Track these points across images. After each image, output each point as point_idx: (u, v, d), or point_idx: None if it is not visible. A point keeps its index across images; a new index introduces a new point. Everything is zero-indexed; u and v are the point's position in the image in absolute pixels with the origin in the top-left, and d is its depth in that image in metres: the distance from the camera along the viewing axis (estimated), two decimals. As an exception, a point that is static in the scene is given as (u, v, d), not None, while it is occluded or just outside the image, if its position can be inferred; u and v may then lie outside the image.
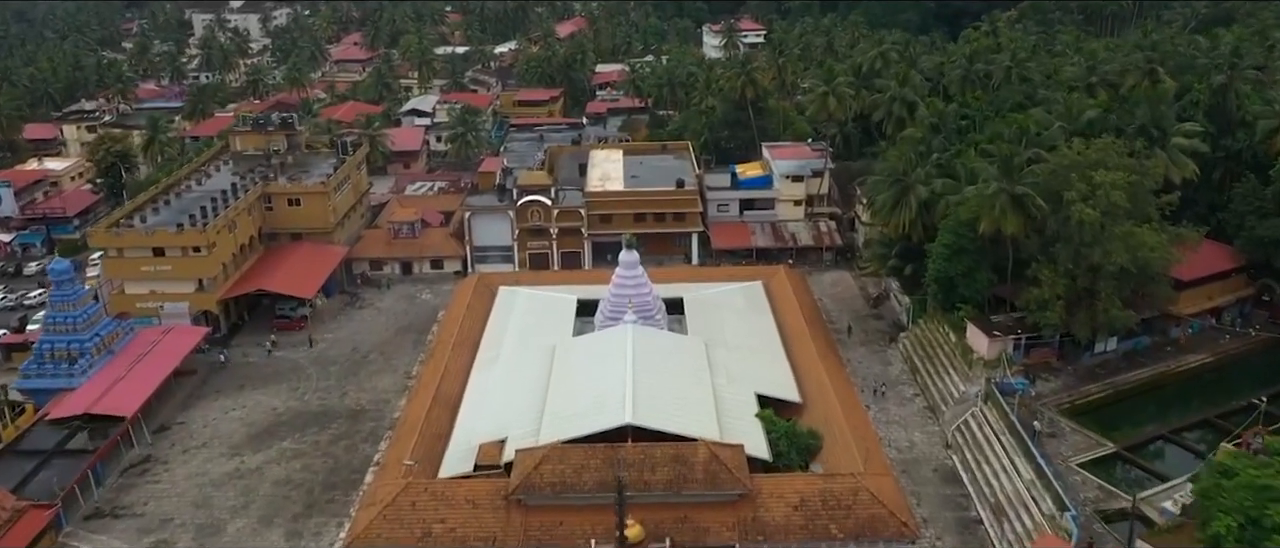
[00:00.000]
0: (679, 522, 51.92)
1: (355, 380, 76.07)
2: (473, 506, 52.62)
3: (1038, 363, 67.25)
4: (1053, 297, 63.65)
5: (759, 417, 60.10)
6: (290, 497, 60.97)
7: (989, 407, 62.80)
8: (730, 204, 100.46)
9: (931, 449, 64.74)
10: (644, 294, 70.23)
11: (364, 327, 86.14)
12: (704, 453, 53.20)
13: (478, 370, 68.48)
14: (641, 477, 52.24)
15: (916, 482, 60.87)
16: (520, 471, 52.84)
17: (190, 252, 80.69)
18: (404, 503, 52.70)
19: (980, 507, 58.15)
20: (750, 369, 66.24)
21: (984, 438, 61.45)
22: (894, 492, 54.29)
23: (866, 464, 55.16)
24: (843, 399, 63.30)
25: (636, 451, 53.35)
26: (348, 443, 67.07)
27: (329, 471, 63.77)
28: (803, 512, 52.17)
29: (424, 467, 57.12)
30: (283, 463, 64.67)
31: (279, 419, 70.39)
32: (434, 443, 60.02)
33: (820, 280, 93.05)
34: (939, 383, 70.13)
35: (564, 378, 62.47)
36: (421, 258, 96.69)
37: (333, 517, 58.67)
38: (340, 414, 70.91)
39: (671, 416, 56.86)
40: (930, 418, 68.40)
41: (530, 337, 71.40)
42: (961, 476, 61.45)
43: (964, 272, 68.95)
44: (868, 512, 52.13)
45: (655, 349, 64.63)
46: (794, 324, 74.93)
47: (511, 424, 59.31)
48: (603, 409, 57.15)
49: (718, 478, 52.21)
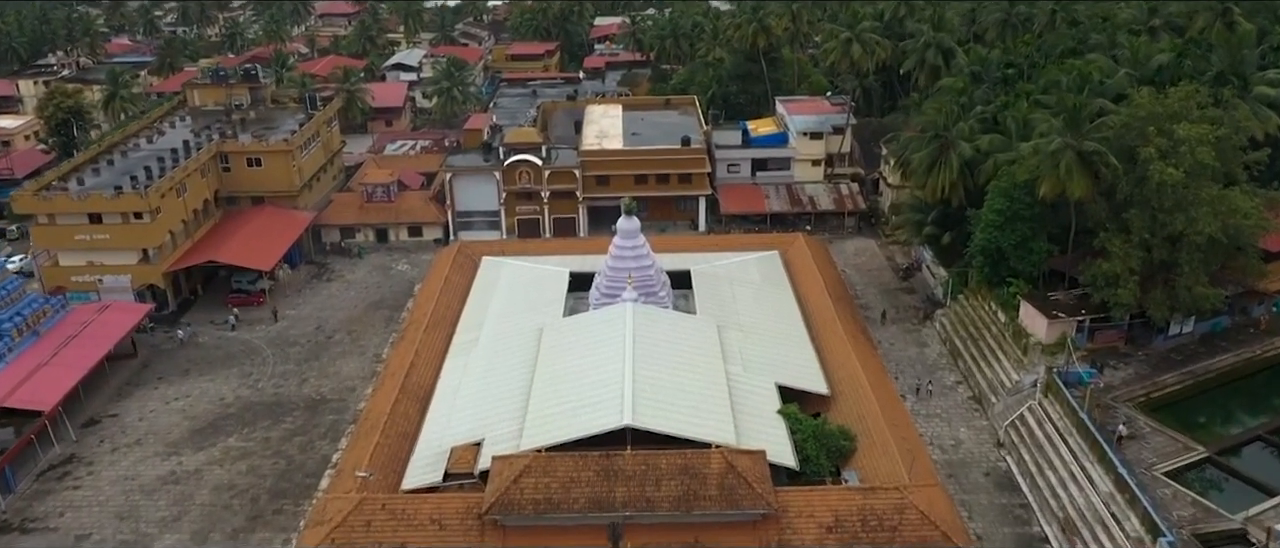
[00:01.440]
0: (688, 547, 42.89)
1: (317, 365, 66.90)
2: (439, 526, 43.55)
3: (1103, 348, 57.92)
4: (1125, 271, 54.19)
5: (781, 414, 50.90)
6: (231, 507, 51.96)
7: (1050, 400, 53.57)
8: (741, 164, 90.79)
9: (980, 449, 55.64)
10: (645, 267, 60.81)
11: (331, 302, 76.82)
12: (719, 463, 44.05)
13: (453, 356, 59.24)
14: (643, 493, 43.13)
15: (965, 488, 51.83)
16: (497, 484, 43.72)
17: (131, 218, 71.20)
18: (357, 523, 43.64)
19: (1044, 522, 49.09)
20: (769, 355, 56.94)
21: (1044, 437, 52.28)
22: (947, 508, 45.16)
23: (912, 473, 46.03)
24: (878, 391, 54.07)
25: (637, 460, 44.21)
26: (303, 440, 58.00)
27: (279, 474, 54.73)
28: (838, 535, 43.11)
29: (385, 475, 48.01)
30: (226, 465, 55.63)
31: (226, 411, 61.28)
32: (400, 444, 50.88)
33: (842, 249, 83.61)
34: (986, 370, 60.87)
35: (552, 368, 53.20)
36: (398, 224, 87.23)
37: (279, 532, 49.76)
38: (297, 405, 61.81)
39: (679, 415, 47.64)
40: (977, 411, 59.23)
41: (514, 316, 62.08)
42: (1019, 482, 52.37)
43: (1017, 242, 59.41)
44: (916, 534, 43.05)
45: (659, 332, 55.30)
46: (817, 301, 65.57)
47: (489, 424, 50.14)
48: (597, 408, 47.91)
49: (736, 494, 43.10)
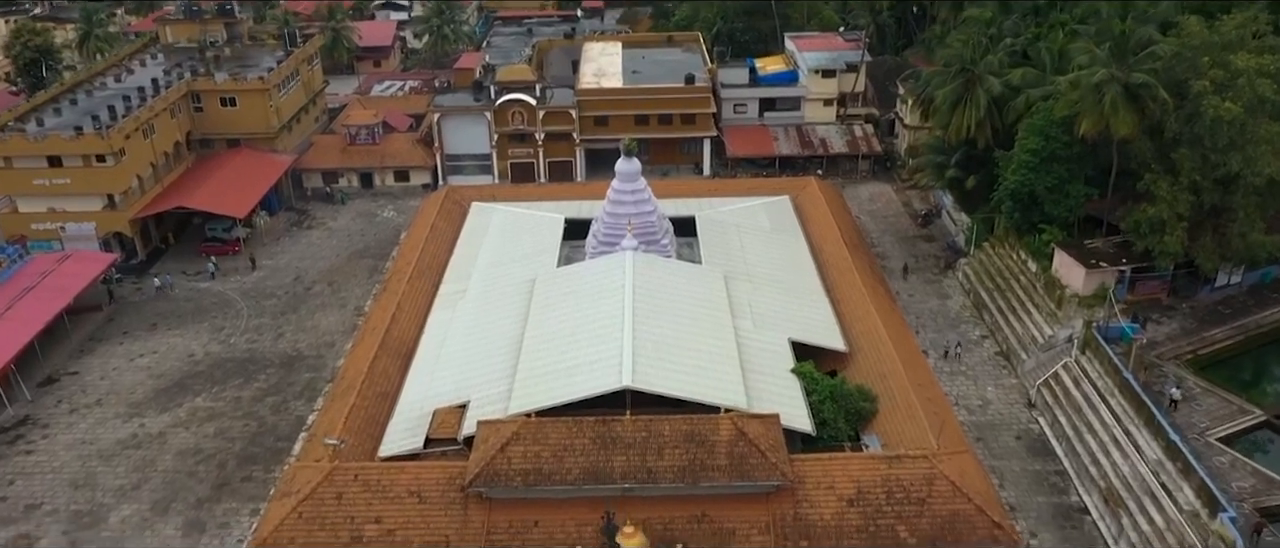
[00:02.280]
0: (694, 522, 38.64)
1: (294, 318, 62.38)
2: (418, 499, 39.27)
3: (1144, 301, 53.27)
4: (1172, 217, 49.32)
5: (796, 373, 46.41)
6: (196, 474, 47.76)
7: (1089, 357, 49.06)
8: (749, 104, 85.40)
9: (1010, 409, 51.29)
10: (646, 212, 55.95)
11: (311, 251, 72.09)
12: (728, 429, 39.65)
13: (438, 310, 54.63)
14: (644, 463, 38.78)
15: (994, 453, 47.58)
16: (482, 452, 39.36)
17: (93, 161, 66.17)
18: (327, 495, 39.37)
19: (1083, 490, 44.88)
20: (781, 308, 52.33)
21: (1082, 398, 47.86)
22: (980, 479, 40.87)
23: (940, 439, 41.65)
24: (900, 348, 49.55)
25: (637, 426, 39.79)
26: (276, 400, 53.66)
27: (249, 438, 50.47)
28: (860, 508, 38.83)
29: (361, 440, 43.68)
30: (192, 427, 51.36)
31: (195, 368, 56.89)
32: (378, 406, 46.50)
33: (856, 194, 78.65)
34: (1015, 324, 56.32)
35: (544, 323, 48.62)
36: (383, 168, 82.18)
37: (247, 502, 45.62)
38: (272, 362, 57.40)
39: (683, 375, 43.16)
40: (1005, 368, 54.79)
41: (505, 266, 57.38)
42: (1053, 446, 48.09)
43: (1053, 185, 54.42)
44: (948, 507, 38.77)
45: (661, 284, 50.62)
46: (832, 249, 60.79)
47: (475, 384, 45.70)
48: (593, 367, 43.42)
49: (747, 463, 38.75)
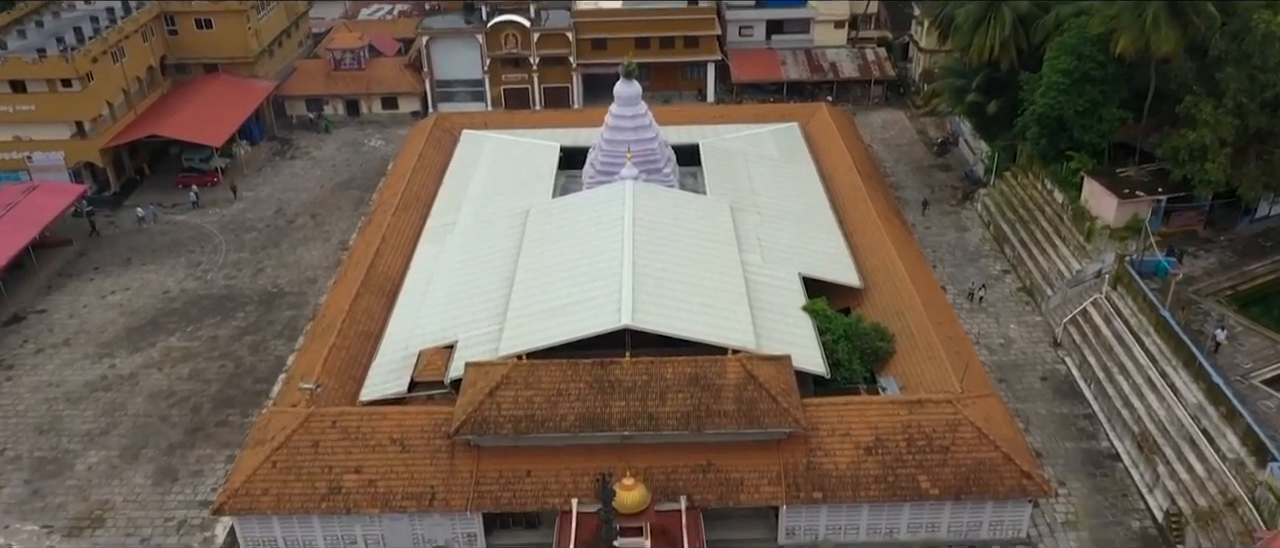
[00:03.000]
0: (699, 473, 35.80)
1: (275, 253, 59.02)
2: (401, 448, 36.39)
3: (1179, 233, 49.82)
4: (1214, 142, 45.64)
5: (808, 311, 43.26)
6: (169, 418, 44.88)
7: (1121, 293, 45.79)
8: (755, 26, 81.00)
9: (1035, 349, 48.21)
10: (647, 139, 52.36)
11: (294, 182, 68.42)
12: (736, 371, 36.58)
13: (425, 244, 51.28)
14: (645, 408, 35.78)
15: (1018, 396, 44.62)
16: (469, 397, 36.36)
17: (59, 86, 62.17)
18: (303, 443, 36.49)
19: (1115, 436, 41.99)
20: (791, 242, 49.00)
21: (1113, 337, 44.72)
22: (1007, 425, 37.93)
23: (964, 381, 38.63)
24: (918, 283, 46.34)
25: (638, 369, 36.71)
26: (255, 340, 50.57)
27: (226, 380, 47.49)
28: (878, 456, 35.95)
29: (341, 383, 40.70)
30: (166, 368, 48.36)
31: (170, 306, 53.72)
32: (360, 346, 43.45)
33: (867, 122, 74.70)
34: (1040, 257, 52.96)
35: (538, 257, 45.33)
36: (370, 95, 78.07)
37: (222, 448, 42.78)
38: (250, 299, 54.21)
39: (687, 314, 40.01)
40: (1028, 305, 51.60)
41: (497, 197, 53.90)
42: (1082, 388, 45.10)
43: (1084, 108, 50.54)
44: (973, 456, 35.89)
45: (663, 216, 47.23)
46: (844, 179, 57.25)
47: (464, 323, 42.60)
48: (590, 305, 40.25)
49: (756, 408, 35.75)
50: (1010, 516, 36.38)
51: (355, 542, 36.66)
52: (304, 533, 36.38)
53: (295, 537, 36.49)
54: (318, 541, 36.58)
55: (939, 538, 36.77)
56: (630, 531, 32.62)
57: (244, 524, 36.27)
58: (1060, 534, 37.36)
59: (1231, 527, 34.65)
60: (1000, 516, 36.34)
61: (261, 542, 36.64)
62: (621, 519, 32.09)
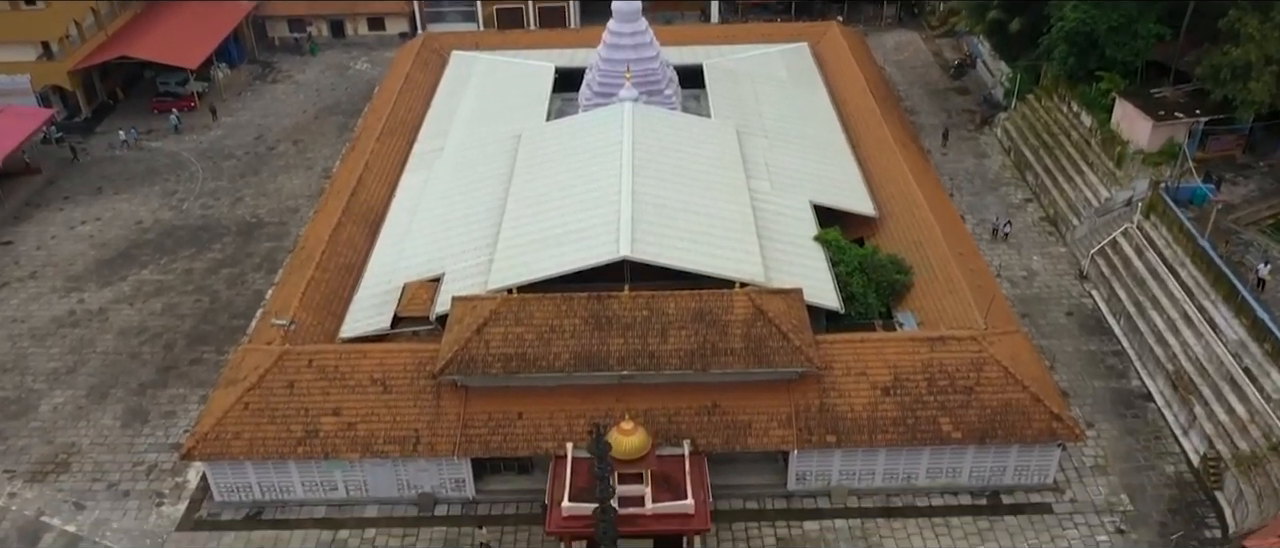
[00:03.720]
0: (703, 416, 33.22)
1: (254, 182, 55.93)
2: (382, 388, 33.79)
3: (1216, 158, 46.64)
4: (1260, 59, 42.16)
5: (820, 241, 40.38)
6: (139, 355, 42.29)
7: (1154, 222, 42.82)
8: (762, -58, 76.59)
9: (1059, 282, 45.43)
10: (648, 58, 48.88)
11: (276, 107, 64.99)
12: (744, 306, 33.79)
13: (412, 171, 48.17)
14: (646, 346, 33.07)
15: (1042, 331, 41.96)
16: (456, 334, 33.65)
17: (21, 4, 58.41)
18: (277, 384, 33.88)
19: (1146, 374, 39.41)
20: (801, 168, 45.89)
21: (1146, 269, 41.88)
22: (1035, 363, 35.28)
23: (988, 317, 35.89)
24: (937, 212, 43.40)
25: (637, 303, 33.91)
26: (233, 273, 47.78)
27: (201, 315, 44.81)
28: (897, 397, 33.35)
29: (320, 319, 37.99)
30: (137, 303, 45.66)
31: (143, 237, 50.82)
32: (340, 279, 40.67)
33: (880, 43, 70.90)
34: (1065, 185, 49.87)
35: (530, 184, 42.26)
36: (356, 15, 74.15)
37: (196, 388, 40.27)
38: (228, 230, 51.30)
39: (691, 244, 37.11)
40: (1052, 235, 48.68)
41: (487, 122, 50.61)
42: (1110, 324, 42.42)
43: (1118, 24, 46.93)
44: (999, 397, 33.29)
45: (665, 140, 44.04)
46: (857, 102, 53.90)
47: (451, 255, 39.73)
48: (585, 235, 37.32)
49: (765, 346, 33.04)
50: (1037, 461, 33.95)
51: (335, 489, 34.31)
52: (280, 479, 34.02)
53: (271, 483, 34.13)
54: (295, 487, 34.23)
55: (959, 484, 34.40)
56: (629, 478, 30.17)
57: (215, 470, 33.86)
58: (1089, 479, 34.96)
59: (1276, 473, 32.21)
60: (1026, 461, 33.91)
61: (235, 488, 34.29)
62: (620, 466, 29.59)
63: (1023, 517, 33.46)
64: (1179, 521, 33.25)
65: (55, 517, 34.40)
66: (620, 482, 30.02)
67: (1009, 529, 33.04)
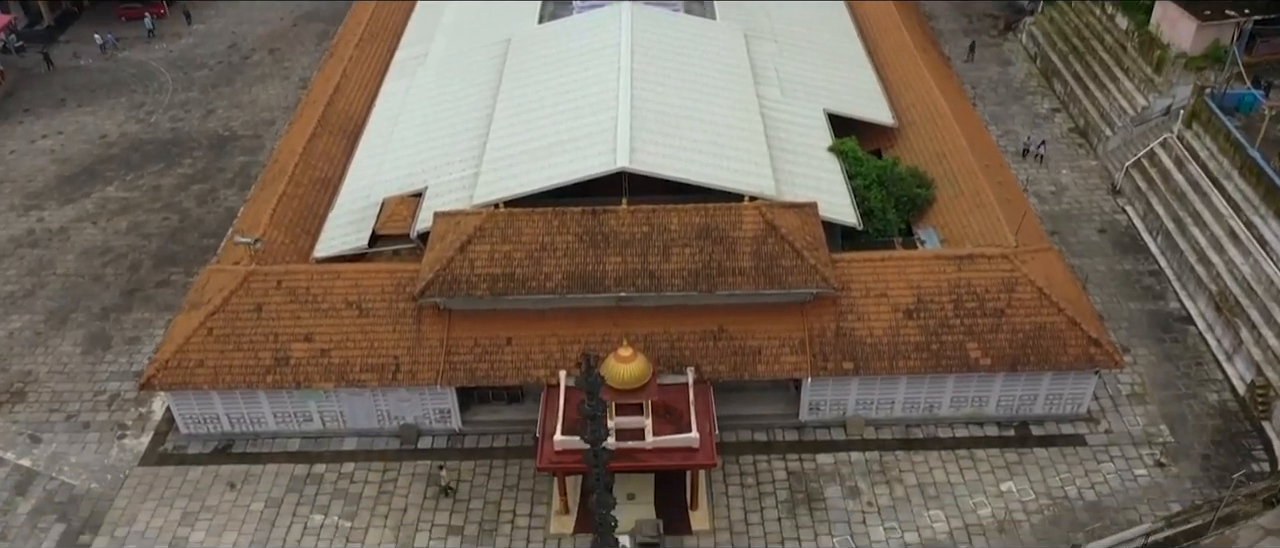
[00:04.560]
0: (709, 341, 30.44)
1: (227, 92, 52.42)
2: (358, 311, 30.95)
3: (1262, 62, 42.98)
4: (1319, -50, 38.43)
5: (835, 151, 37.15)
6: (103, 277, 39.43)
7: (1197, 132, 39.49)
8: None
9: (1090, 197, 42.34)
10: (648, -45, 44.92)
11: (251, 14, 61.01)
12: (753, 221, 30.75)
13: (393, 78, 44.65)
14: (646, 265, 30.12)
15: (1073, 250, 39.03)
16: (438, 252, 30.69)
17: (-30, -101, 54.15)
18: (243, 307, 31.02)
19: (1186, 295, 36.57)
20: (814, 74, 42.38)
21: (1187, 182, 38.71)
22: (1070, 284, 32.40)
23: (1019, 234, 32.86)
24: (962, 122, 40.07)
25: (637, 218, 30.86)
26: (203, 189, 44.67)
27: (169, 234, 41.85)
28: (920, 320, 30.53)
29: (293, 237, 35.00)
30: (101, 222, 42.65)
31: (108, 152, 47.56)
32: (316, 195, 37.57)
33: (895, -54, 66.25)
34: (1097, 93, 46.38)
35: (520, 91, 38.81)
36: (336, -84, 69.28)
37: (162, 311, 37.49)
38: (199, 143, 48.02)
39: (695, 154, 33.87)
40: (1082, 147, 45.42)
41: (474, 26, 46.80)
42: (1146, 241, 39.45)
43: (1162, -87, 42.96)
44: (1032, 320, 30.47)
45: (666, 44, 40.44)
46: (874, 4, 49.95)
47: (434, 167, 36.56)
48: (580, 145, 34.06)
49: (777, 265, 30.09)
50: (1071, 389, 31.29)
51: (310, 420, 31.74)
52: (250, 410, 31.41)
53: (240, 414, 31.54)
54: (266, 418, 31.66)
55: (985, 414, 31.82)
56: (628, 409, 27.51)
57: (179, 401, 31.23)
58: (1125, 409, 32.35)
59: (1332, 401, 29.59)
60: (1059, 389, 31.25)
61: (201, 420, 31.71)
62: (617, 396, 26.91)
63: (1054, 449, 30.95)
64: (1223, 453, 30.74)
65: (8, 451, 31.94)
66: (618, 413, 27.43)
67: (1039, 462, 30.55)
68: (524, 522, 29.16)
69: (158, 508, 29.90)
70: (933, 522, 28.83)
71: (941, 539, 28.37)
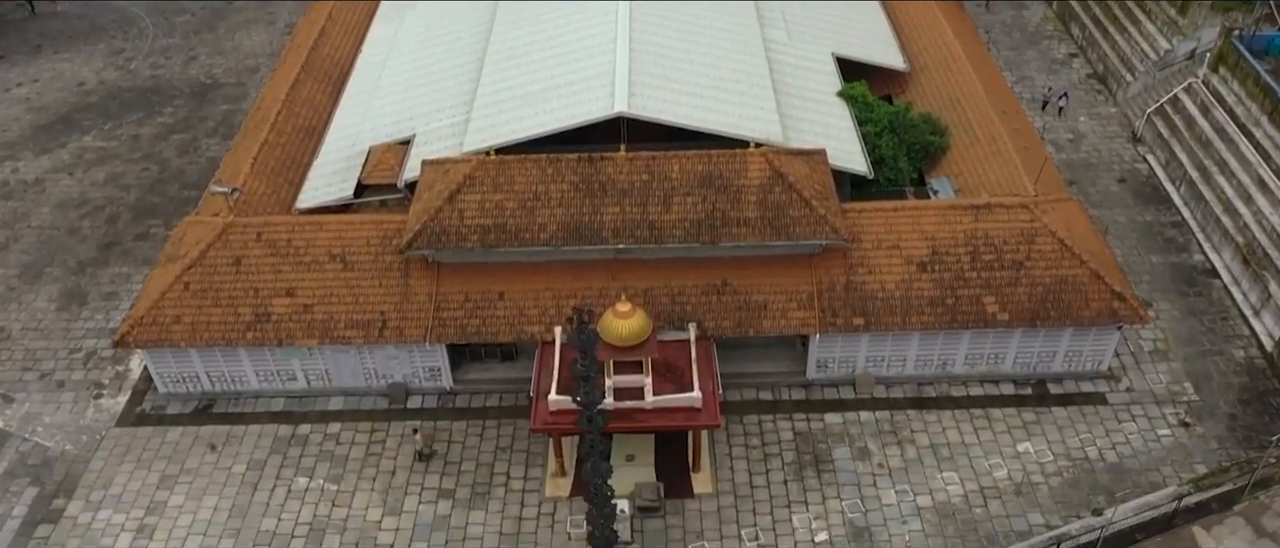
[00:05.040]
0: (712, 295, 28.91)
1: (211, 38, 50.36)
2: (342, 265, 29.39)
3: (1293, 2, 40.98)
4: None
5: (844, 96, 35.36)
6: (79, 230, 37.83)
7: (1223, 76, 37.61)
8: None
9: (1109, 145, 40.56)
10: (648, -110, 42.57)
11: (235, -43, 58.60)
12: (759, 169, 29.06)
13: (380, 22, 42.63)
14: (645, 215, 28.50)
15: (1092, 200, 37.37)
16: (425, 202, 29.05)
17: None
18: (220, 260, 29.47)
19: (1212, 248, 34.96)
20: (822, 15, 40.43)
21: (1212, 129, 36.93)
22: (1092, 235, 30.78)
23: (1037, 184, 31.18)
24: (977, 66, 38.19)
25: (636, 165, 29.16)
26: (184, 139, 42.90)
27: (148, 185, 40.18)
28: (935, 274, 28.98)
29: (275, 187, 33.32)
30: (78, 173, 40.95)
31: (86, 100, 45.69)
32: (300, 144, 35.82)
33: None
34: (1117, 37, 44.35)
35: (513, 34, 36.85)
36: None
37: (141, 265, 35.95)
38: (181, 91, 46.14)
39: (697, 99, 32.08)
40: (1101, 93, 43.55)
41: (465, -35, 44.66)
42: (1168, 191, 37.77)
43: None
44: (1053, 273, 28.94)
45: (667, -18, 38.40)
46: (883, -56, 47.73)
47: (424, 114, 34.79)
48: (575, 89, 32.24)
49: (784, 215, 28.47)
50: (1092, 346, 29.81)
51: (294, 379, 30.31)
52: (231, 368, 29.97)
53: (221, 372, 30.11)
54: (248, 377, 30.23)
55: (1001, 372, 30.38)
56: (627, 367, 26.05)
57: (156, 359, 29.76)
58: (1147, 366, 30.91)
59: (1367, 358, 28.12)
60: (1080, 345, 29.77)
61: (180, 378, 30.28)
62: (616, 353, 25.44)
63: (1073, 408, 29.56)
64: (1250, 412, 29.35)
65: (-21, 411, 30.55)
66: (616, 371, 25.99)
67: (1057, 422, 29.18)
68: (518, 485, 27.85)
69: (135, 470, 28.57)
70: (946, 484, 27.51)
71: (955, 503, 27.07)
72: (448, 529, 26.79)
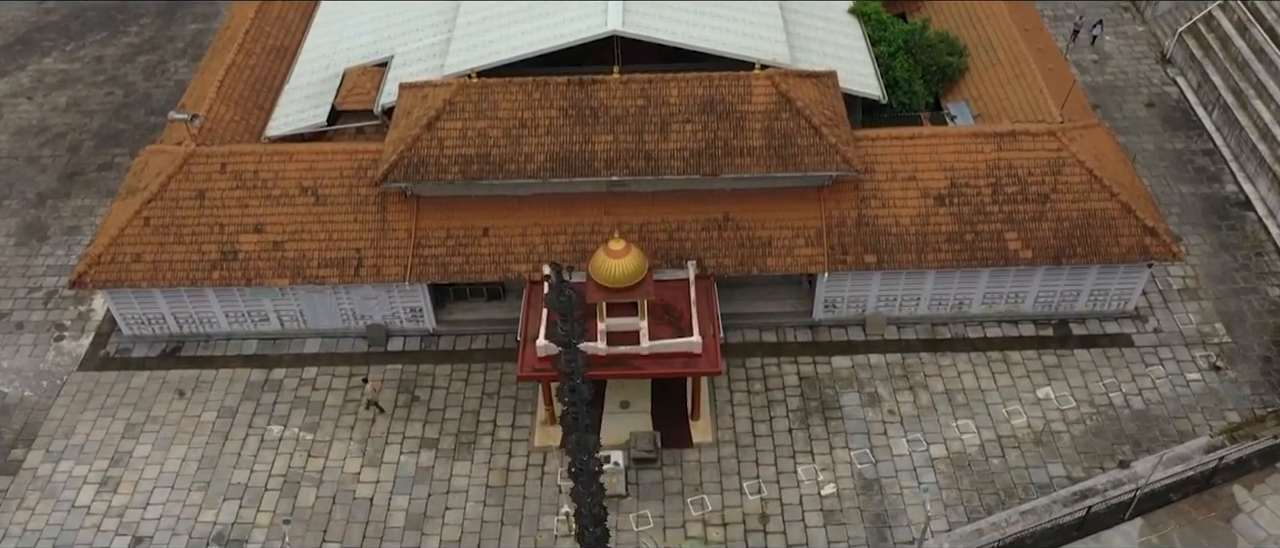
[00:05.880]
0: (713, 230, 26.83)
1: (178, -48, 47.20)
2: (314, 199, 27.24)
3: (1339, -89, 38.05)
4: None
5: (855, 14, 32.81)
6: (39, 160, 35.55)
7: (1263, -7, 34.99)
8: None
9: (1137, 68, 38.04)
10: None
11: None
12: (764, 93, 26.71)
13: (356, -68, 39.64)
14: (640, 144, 26.24)
15: (1118, 127, 35.02)
16: (403, 130, 26.77)
17: None
18: (182, 193, 27.31)
19: (1246, 178, 32.80)
20: (832, -74, 37.46)
21: (1248, 50, 34.45)
22: (1123, 165, 28.64)
23: (1064, 109, 28.87)
24: (998, -20, 35.47)
25: (631, 89, 26.79)
26: (151, 60, 40.30)
27: (113, 111, 37.74)
28: (953, 207, 26.89)
29: (243, 113, 30.95)
30: (37, 98, 38.47)
31: (45, 19, 42.88)
32: (270, 66, 33.30)
33: None
34: (1147, -50, 41.44)
35: (497, -57, 34.06)
36: None
37: (105, 197, 33.80)
38: (146, 10, 43.31)
39: (696, 16, 29.53)
40: (1127, 11, 40.83)
41: None
42: (1200, 117, 35.43)
43: None
44: (1080, 206, 26.87)
45: (665, -112, 35.39)
46: None
47: (401, 33, 32.24)
48: (566, 7, 29.64)
49: (792, 143, 26.23)
50: (1119, 284, 27.87)
51: (267, 320, 28.40)
52: (198, 309, 28.04)
53: (188, 314, 28.19)
54: (218, 318, 28.33)
55: (1021, 311, 28.50)
56: (621, 309, 24.13)
57: (117, 299, 27.82)
58: (1176, 305, 29.03)
59: None
60: (1106, 284, 27.83)
61: (145, 320, 28.37)
62: (608, 295, 23.53)
63: (1097, 351, 27.77)
64: (1286, 354, 27.57)
65: (-68, 354, 28.71)
66: (610, 314, 24.10)
67: (1080, 366, 27.41)
68: (505, 433, 26.18)
69: (98, 418, 26.87)
70: (961, 433, 25.85)
71: (971, 452, 25.43)
72: (431, 481, 25.19)
